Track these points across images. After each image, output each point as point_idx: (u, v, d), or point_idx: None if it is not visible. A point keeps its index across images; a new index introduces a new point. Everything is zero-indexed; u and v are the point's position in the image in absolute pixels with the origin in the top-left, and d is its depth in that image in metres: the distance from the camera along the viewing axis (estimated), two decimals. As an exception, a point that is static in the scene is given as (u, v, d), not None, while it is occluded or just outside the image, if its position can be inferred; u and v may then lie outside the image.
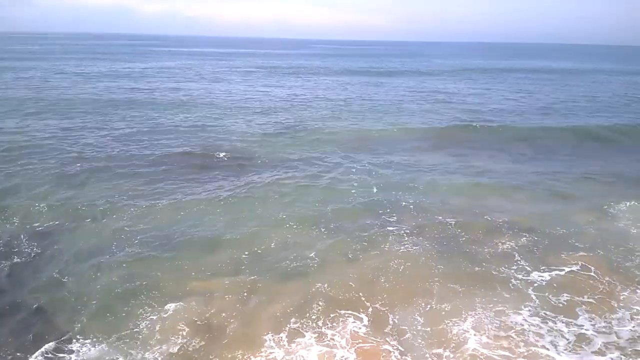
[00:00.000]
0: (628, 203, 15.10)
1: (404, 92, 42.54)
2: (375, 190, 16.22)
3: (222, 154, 19.80)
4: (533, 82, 54.55)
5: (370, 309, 9.47)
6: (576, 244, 12.38)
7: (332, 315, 9.22)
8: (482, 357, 8.15)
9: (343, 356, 8.13)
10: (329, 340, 8.51)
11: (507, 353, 8.27)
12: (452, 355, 8.18)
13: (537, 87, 48.88)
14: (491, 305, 9.61)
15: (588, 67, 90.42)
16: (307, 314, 9.25)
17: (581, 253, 11.84)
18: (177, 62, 74.97)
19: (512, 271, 10.97)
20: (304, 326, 8.90)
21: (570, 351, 8.33)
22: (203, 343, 8.39)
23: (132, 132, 23.25)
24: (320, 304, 9.59)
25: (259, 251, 11.78)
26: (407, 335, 8.67)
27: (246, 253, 11.58)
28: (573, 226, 13.51)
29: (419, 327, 8.91)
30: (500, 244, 12.37)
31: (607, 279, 10.65)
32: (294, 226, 13.18)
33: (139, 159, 18.89)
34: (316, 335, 8.67)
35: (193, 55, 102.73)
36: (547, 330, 8.87)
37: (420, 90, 44.12)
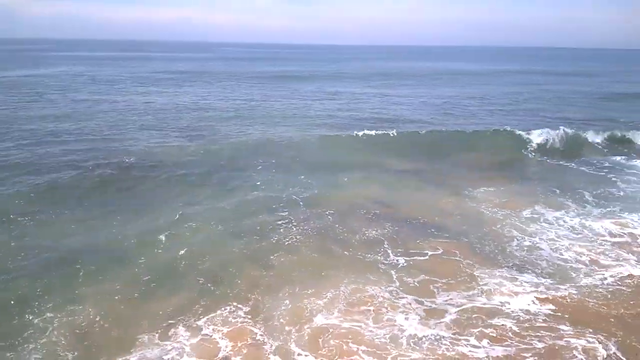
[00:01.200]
0: (484, 188, 17.65)
1: (311, 96, 43.35)
2: (274, 189, 17.20)
3: (121, 165, 19.10)
4: (432, 85, 57.60)
5: (248, 299, 10.23)
6: (439, 229, 13.96)
7: (212, 309, 9.84)
8: (330, 328, 9.17)
9: (216, 343, 8.78)
10: (203, 332, 9.12)
11: (355, 324, 9.31)
12: (301, 329, 9.18)
13: (435, 90, 51.39)
14: (353, 286, 10.69)
15: (489, 68, 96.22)
16: (189, 311, 9.77)
17: (442, 239, 13.31)
18: (68, 68, 70.11)
19: (379, 256, 12.23)
20: (183, 322, 9.39)
21: (420, 322, 9.36)
22: (82, 349, 8.56)
23: (18, 147, 21.53)
24: (205, 299, 10.21)
25: (159, 251, 12.22)
26: (272, 318, 9.55)
27: (143, 258, 11.84)
28: (438, 213, 15.30)
29: (283, 309, 9.85)
30: (371, 231, 13.78)
31: (466, 261, 11.96)
32: (193, 227, 13.73)
33: (28, 173, 17.80)
34: (192, 328, 9.22)
35: (86, 59, 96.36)
36: (402, 304, 9.98)
37: (327, 95, 45.02)
